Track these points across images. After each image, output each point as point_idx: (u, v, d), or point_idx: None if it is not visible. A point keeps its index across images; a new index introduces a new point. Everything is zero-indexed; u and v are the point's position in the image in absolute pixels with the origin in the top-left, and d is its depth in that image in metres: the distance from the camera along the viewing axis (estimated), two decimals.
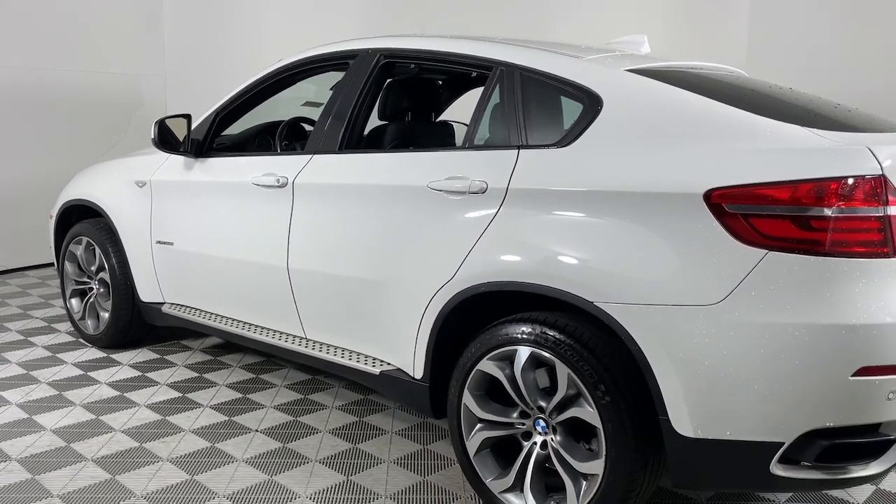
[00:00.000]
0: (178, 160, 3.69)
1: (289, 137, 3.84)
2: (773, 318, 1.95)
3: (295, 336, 3.25)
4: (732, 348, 1.99)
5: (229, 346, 4.32)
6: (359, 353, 3.00)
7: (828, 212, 1.94)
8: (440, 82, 4.03)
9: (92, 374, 3.87)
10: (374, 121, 3.37)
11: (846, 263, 1.94)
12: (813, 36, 6.51)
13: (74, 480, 2.74)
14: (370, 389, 3.61)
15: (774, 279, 1.96)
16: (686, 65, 2.78)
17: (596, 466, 2.23)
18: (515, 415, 2.46)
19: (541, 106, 2.58)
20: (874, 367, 1.92)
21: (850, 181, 1.94)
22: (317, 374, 3.89)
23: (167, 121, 3.56)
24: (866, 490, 2.78)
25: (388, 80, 3.29)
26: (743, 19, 6.82)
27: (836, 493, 2.74)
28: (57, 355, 4.14)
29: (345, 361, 3.00)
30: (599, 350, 2.22)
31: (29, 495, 2.63)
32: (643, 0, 7.24)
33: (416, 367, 2.73)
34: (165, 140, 3.57)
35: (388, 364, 2.88)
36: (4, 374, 3.84)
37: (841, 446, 2.00)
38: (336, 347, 3.09)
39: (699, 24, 7.00)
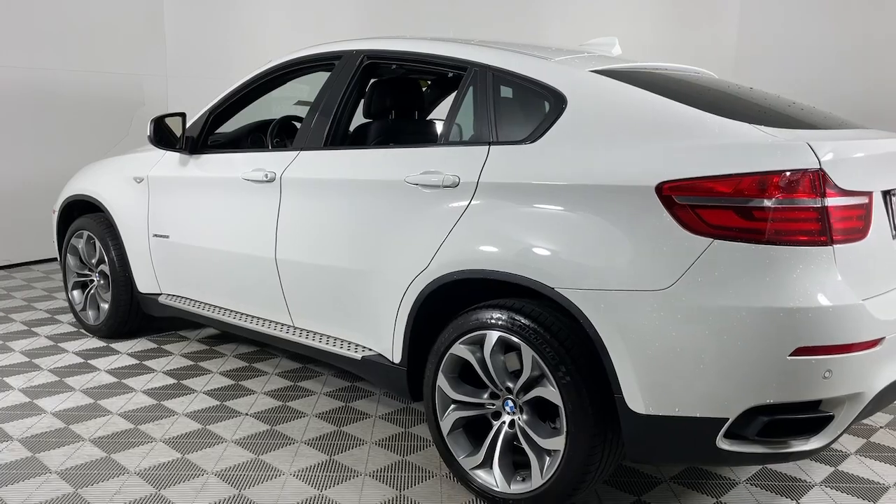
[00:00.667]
0: (173, 157, 3.86)
1: (280, 135, 4.00)
2: (717, 301, 2.09)
3: (283, 324, 3.41)
4: (680, 330, 2.13)
5: (224, 336, 4.49)
6: (342, 340, 3.16)
7: (768, 203, 2.08)
8: (429, 82, 4.20)
9: (92, 361, 4.03)
10: (361, 119, 3.53)
11: (785, 251, 2.08)
12: (801, 37, 6.63)
13: (72, 458, 2.91)
14: (358, 377, 3.76)
15: (719, 265, 2.10)
16: (652, 66, 2.93)
17: (558, 442, 2.38)
18: (486, 396, 2.61)
19: (511, 104, 2.72)
20: (810, 348, 2.05)
21: (789, 174, 2.08)
22: (307, 362, 4.04)
23: (163, 119, 3.72)
24: (824, 471, 2.92)
25: (372, 80, 3.45)
26: (732, 21, 6.94)
27: (794, 472, 2.89)
28: (59, 344, 4.31)
29: (329, 347, 3.15)
30: (561, 333, 2.36)
31: (29, 471, 2.80)
32: (635, 3, 7.38)
33: (394, 352, 2.88)
34: (161, 137, 3.74)
35: (370, 350, 3.03)
36: (8, 361, 4.01)
37: (782, 422, 2.14)
38: (321, 334, 3.24)
39: (689, 26, 7.13)
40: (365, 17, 7.71)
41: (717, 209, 2.12)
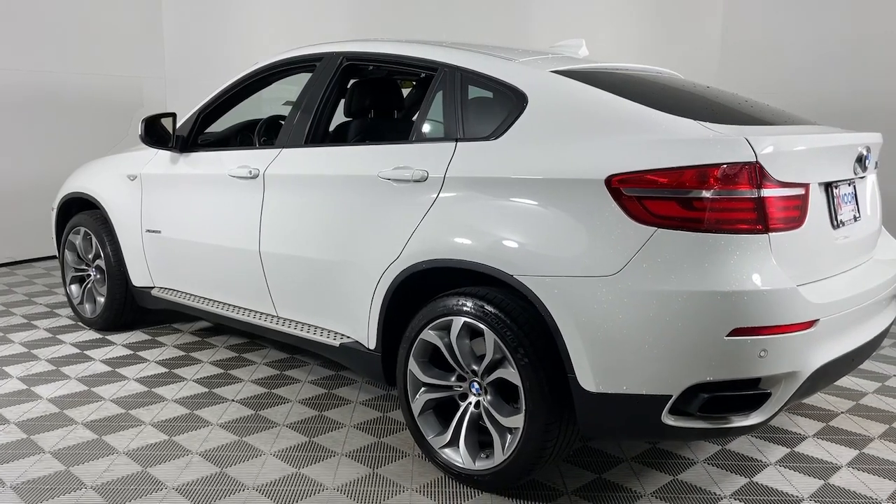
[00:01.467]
0: (165, 155, 4.02)
1: (267, 133, 4.15)
2: (661, 286, 2.24)
3: (268, 314, 3.57)
4: (626, 313, 2.28)
5: (217, 328, 4.65)
6: (322, 328, 3.31)
7: (706, 194, 2.22)
8: (414, 83, 4.35)
9: (88, 352, 4.20)
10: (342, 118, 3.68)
11: (723, 238, 2.23)
12: (784, 38, 6.76)
13: (65, 440, 3.07)
14: (342, 366, 3.92)
15: (662, 252, 2.25)
16: (613, 66, 3.07)
17: (518, 420, 2.52)
18: (453, 378, 2.76)
19: (477, 103, 2.87)
20: (746, 328, 2.20)
21: (726, 167, 2.22)
22: (295, 352, 4.20)
23: (155, 119, 3.88)
24: (780, 451, 3.06)
25: (352, 81, 3.61)
26: (716, 24, 7.08)
27: (750, 452, 3.03)
28: (57, 336, 4.48)
29: (309, 335, 3.31)
30: (520, 318, 2.51)
31: (24, 452, 2.96)
32: (621, 5, 7.52)
33: (369, 338, 3.04)
34: (153, 137, 3.90)
35: (347, 337, 3.19)
36: (8, 352, 4.18)
37: (722, 399, 2.29)
38: (303, 323, 3.40)
39: (673, 27, 7.26)
40: (361, 20, 7.86)
41: (661, 200, 2.27)
